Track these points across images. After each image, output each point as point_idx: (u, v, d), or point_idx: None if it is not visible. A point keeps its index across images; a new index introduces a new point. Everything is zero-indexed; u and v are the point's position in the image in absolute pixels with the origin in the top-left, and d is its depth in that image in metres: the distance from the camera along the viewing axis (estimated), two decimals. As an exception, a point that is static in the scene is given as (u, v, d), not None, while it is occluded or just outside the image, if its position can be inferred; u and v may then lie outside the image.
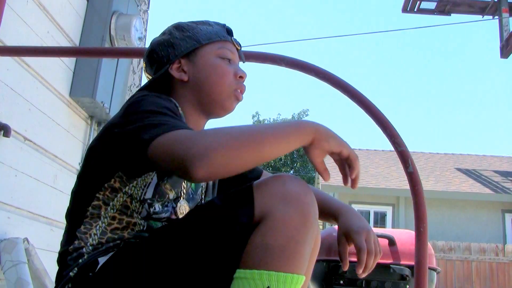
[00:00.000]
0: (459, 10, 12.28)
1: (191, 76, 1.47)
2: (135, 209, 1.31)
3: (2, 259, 2.53)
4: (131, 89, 4.44)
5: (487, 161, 17.19)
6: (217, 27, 1.54)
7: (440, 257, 11.05)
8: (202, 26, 1.52)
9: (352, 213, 1.54)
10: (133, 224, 1.31)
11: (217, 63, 1.48)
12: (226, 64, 1.49)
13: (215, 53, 1.49)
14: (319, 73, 1.98)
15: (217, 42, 1.50)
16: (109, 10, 3.53)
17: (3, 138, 2.58)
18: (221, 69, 1.47)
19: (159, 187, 1.34)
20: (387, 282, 2.66)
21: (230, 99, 1.48)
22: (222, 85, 1.47)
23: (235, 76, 1.49)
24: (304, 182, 1.21)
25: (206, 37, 1.49)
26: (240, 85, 1.50)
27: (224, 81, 1.47)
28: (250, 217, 1.14)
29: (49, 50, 2.71)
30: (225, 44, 1.51)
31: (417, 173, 1.73)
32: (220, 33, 1.52)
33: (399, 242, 2.78)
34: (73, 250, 1.28)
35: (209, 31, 1.51)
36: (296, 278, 1.12)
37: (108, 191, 1.30)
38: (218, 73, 1.47)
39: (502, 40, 11.11)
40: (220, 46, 1.50)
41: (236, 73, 1.49)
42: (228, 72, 1.48)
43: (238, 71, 1.50)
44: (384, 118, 1.82)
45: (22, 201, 2.81)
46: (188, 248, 1.15)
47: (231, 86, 1.47)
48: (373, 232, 1.49)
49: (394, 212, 14.25)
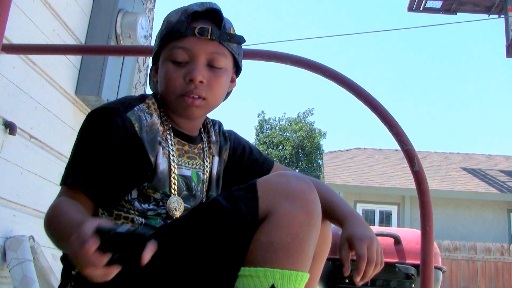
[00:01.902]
0: (465, 9, 12.25)
1: (156, 80, 1.41)
2: (130, 206, 1.30)
3: (8, 257, 2.54)
4: (137, 87, 4.44)
5: (493, 161, 17.14)
6: (180, 19, 1.35)
7: (445, 256, 11.04)
8: (171, 19, 1.38)
9: (358, 221, 1.41)
10: (131, 220, 1.30)
11: (165, 68, 1.35)
12: (175, 68, 1.34)
13: (167, 55, 1.36)
14: (325, 71, 1.98)
15: (172, 42, 1.35)
16: (115, 8, 3.53)
17: (9, 136, 2.58)
18: (167, 75, 1.34)
19: (141, 191, 1.32)
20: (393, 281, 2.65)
21: (180, 106, 1.35)
22: (167, 92, 1.35)
23: (185, 80, 1.33)
24: (308, 180, 1.20)
25: (163, 36, 1.37)
26: (189, 89, 1.33)
27: (170, 88, 1.34)
28: (255, 215, 1.14)
29: (54, 48, 2.71)
30: (179, 42, 1.34)
31: (423, 171, 1.72)
32: (176, 28, 1.34)
33: (404, 241, 2.77)
34: None
35: (167, 28, 1.36)
36: (300, 276, 1.12)
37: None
38: (164, 79, 1.35)
39: (508, 39, 11.08)
40: (173, 46, 1.34)
41: (185, 77, 1.33)
42: (173, 77, 1.33)
43: (187, 74, 1.33)
44: (390, 116, 1.81)
45: (27, 199, 2.81)
46: (192, 246, 1.15)
47: (176, 93, 1.34)
48: (378, 242, 1.37)
49: (399, 211, 14.23)
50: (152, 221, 1.32)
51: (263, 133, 30.64)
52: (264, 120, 31.23)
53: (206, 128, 1.54)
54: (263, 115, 31.41)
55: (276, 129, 30.66)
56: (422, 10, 12.53)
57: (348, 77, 1.94)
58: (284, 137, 29.83)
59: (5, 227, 2.61)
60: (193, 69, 1.32)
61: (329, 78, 1.97)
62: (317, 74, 2.00)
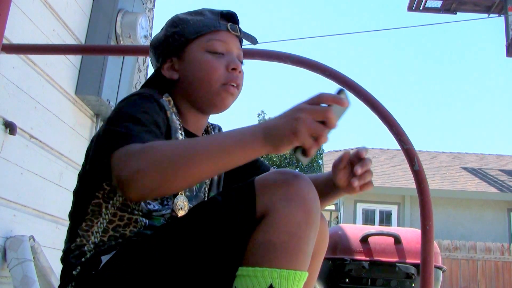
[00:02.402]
0: (465, 8, 12.26)
1: (181, 74, 1.43)
2: (135, 207, 1.30)
3: (8, 256, 2.54)
4: (137, 87, 4.44)
5: (493, 160, 17.15)
6: (209, 17, 1.45)
7: (445, 256, 11.04)
8: (195, 18, 1.45)
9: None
10: (135, 221, 1.29)
11: (204, 58, 1.40)
12: (215, 58, 1.40)
13: (203, 47, 1.41)
14: (324, 71, 1.98)
15: (206, 35, 1.42)
16: (114, 8, 3.53)
17: (9, 136, 2.58)
18: (208, 64, 1.40)
19: None
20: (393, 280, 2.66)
21: (219, 96, 1.41)
22: (209, 81, 1.39)
23: (227, 69, 1.40)
24: (306, 178, 1.19)
25: (194, 31, 1.42)
26: (232, 77, 1.40)
27: (211, 77, 1.39)
28: (252, 214, 1.13)
29: (54, 48, 2.71)
30: (215, 35, 1.42)
31: (423, 171, 1.72)
32: (211, 23, 1.43)
33: (404, 240, 2.78)
34: (75, 248, 1.28)
35: (199, 23, 1.43)
36: (299, 275, 1.11)
37: (107, 190, 1.30)
38: (204, 69, 1.40)
39: (508, 38, 11.08)
40: (209, 39, 1.41)
41: (228, 66, 1.40)
42: (216, 67, 1.39)
43: (230, 63, 1.40)
44: (390, 116, 1.81)
45: (27, 199, 2.81)
46: (190, 246, 1.15)
47: (219, 81, 1.39)
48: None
49: (399, 211, 14.24)
50: (156, 221, 1.32)
51: (263, 133, 30.59)
52: (264, 120, 31.23)
53: (207, 131, 1.57)
54: (263, 114, 31.43)
55: (276, 128, 30.65)
56: (422, 9, 12.54)
57: (348, 76, 1.94)
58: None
59: (5, 227, 2.61)
60: (234, 59, 1.41)
61: (329, 78, 1.97)
62: (317, 74, 2.00)
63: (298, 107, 1.08)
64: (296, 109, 1.08)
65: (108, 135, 1.20)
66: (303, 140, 1.06)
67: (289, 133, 1.06)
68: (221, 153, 1.10)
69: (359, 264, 2.63)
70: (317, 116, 1.06)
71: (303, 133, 1.05)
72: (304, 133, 1.05)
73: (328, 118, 1.07)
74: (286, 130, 1.06)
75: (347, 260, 2.62)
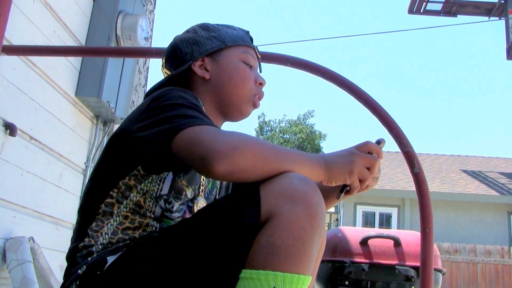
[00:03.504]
0: (465, 11, 12.26)
1: (213, 75, 1.49)
2: (148, 208, 1.31)
3: (8, 258, 2.54)
4: (137, 89, 4.44)
5: (493, 163, 17.14)
6: (241, 32, 1.57)
7: (445, 259, 11.03)
8: (227, 29, 1.55)
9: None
10: (145, 225, 1.30)
11: (240, 66, 1.51)
12: (248, 69, 1.52)
13: (238, 56, 1.52)
14: (325, 73, 1.98)
15: (241, 46, 1.53)
16: (115, 9, 3.54)
17: (9, 137, 2.59)
18: (244, 73, 1.50)
19: (175, 183, 1.33)
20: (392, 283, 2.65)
21: (248, 104, 1.52)
22: (243, 88, 1.50)
23: (255, 83, 1.52)
24: (312, 182, 1.19)
25: (232, 39, 1.52)
26: (259, 91, 1.53)
27: (245, 85, 1.50)
28: (257, 217, 1.13)
29: (55, 50, 2.71)
30: (248, 50, 1.55)
31: (423, 173, 1.72)
32: (245, 38, 1.56)
33: (404, 243, 2.77)
34: (83, 247, 1.28)
35: (234, 34, 1.55)
36: (302, 279, 1.11)
37: (122, 189, 1.30)
38: (241, 76, 1.50)
39: (509, 41, 11.09)
40: (244, 51, 1.53)
41: (256, 79, 1.52)
42: (250, 76, 1.51)
43: (258, 77, 1.53)
44: (390, 118, 1.81)
45: (27, 200, 2.81)
46: (194, 248, 1.15)
47: (251, 91, 1.51)
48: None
49: (399, 213, 14.23)
50: (166, 225, 1.33)
51: (263, 135, 30.62)
52: (264, 122, 31.21)
53: None
54: (263, 117, 31.40)
55: (276, 131, 30.64)
56: (422, 12, 12.54)
57: (348, 79, 1.94)
58: (284, 139, 29.80)
59: (5, 228, 2.61)
60: (260, 76, 1.56)
61: (329, 80, 1.97)
62: (317, 76, 2.00)
63: (352, 151, 1.29)
64: (351, 152, 1.28)
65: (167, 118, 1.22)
66: (353, 180, 1.27)
67: (346, 171, 1.25)
68: (295, 165, 1.20)
69: (359, 266, 2.63)
70: (367, 162, 1.28)
71: (355, 175, 1.26)
72: (355, 175, 1.26)
73: (374, 166, 1.29)
74: (344, 168, 1.26)
75: (346, 262, 2.62)
